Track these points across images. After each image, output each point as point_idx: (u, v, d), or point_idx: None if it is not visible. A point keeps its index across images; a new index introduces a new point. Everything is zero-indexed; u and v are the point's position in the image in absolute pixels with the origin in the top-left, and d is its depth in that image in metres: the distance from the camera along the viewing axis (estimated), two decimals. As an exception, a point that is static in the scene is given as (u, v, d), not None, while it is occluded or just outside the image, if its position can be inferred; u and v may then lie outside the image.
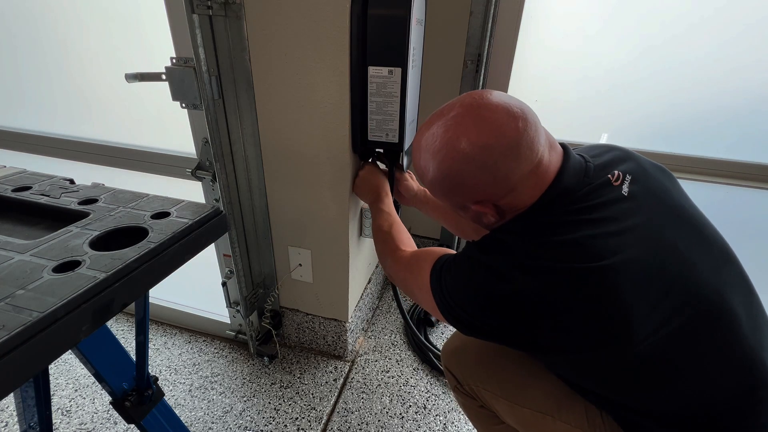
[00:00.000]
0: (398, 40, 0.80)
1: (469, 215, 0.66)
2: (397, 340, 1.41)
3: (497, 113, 0.56)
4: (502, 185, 0.57)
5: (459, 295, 0.60)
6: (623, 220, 0.54)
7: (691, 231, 0.59)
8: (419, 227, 1.71)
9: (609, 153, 0.65)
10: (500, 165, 0.56)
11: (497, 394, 0.75)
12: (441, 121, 0.60)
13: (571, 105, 1.31)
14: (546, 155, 0.57)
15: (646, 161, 0.65)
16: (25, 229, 0.55)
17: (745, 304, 0.57)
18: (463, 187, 0.61)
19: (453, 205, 0.67)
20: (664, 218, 0.57)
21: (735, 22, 1.08)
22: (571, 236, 0.53)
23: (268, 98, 0.95)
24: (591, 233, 0.53)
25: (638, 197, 0.57)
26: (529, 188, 0.58)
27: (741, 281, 0.59)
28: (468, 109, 0.58)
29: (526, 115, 0.56)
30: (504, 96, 0.58)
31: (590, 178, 0.58)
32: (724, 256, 0.60)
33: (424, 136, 0.62)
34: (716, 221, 0.63)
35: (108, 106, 1.22)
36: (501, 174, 0.56)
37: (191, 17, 0.81)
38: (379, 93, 0.86)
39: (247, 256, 1.18)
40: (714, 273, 0.56)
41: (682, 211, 0.60)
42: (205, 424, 1.11)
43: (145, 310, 0.64)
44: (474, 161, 0.56)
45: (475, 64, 1.31)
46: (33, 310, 0.36)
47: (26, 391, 0.62)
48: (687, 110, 1.21)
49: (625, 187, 0.58)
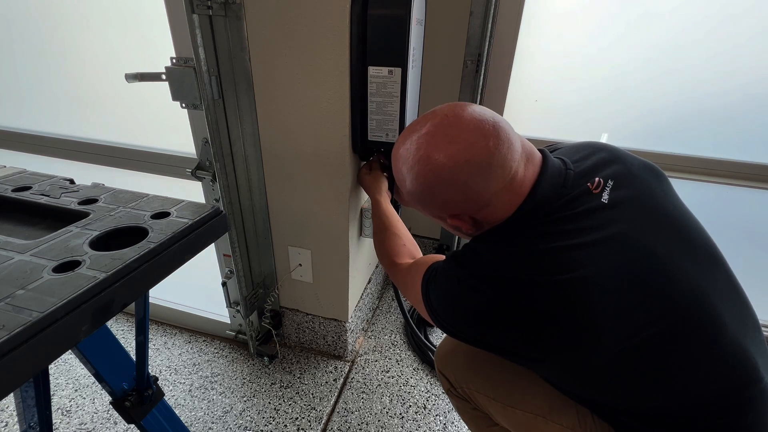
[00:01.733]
0: (398, 40, 0.80)
1: (447, 226, 0.67)
2: (397, 340, 1.41)
3: (467, 132, 0.56)
4: (474, 201, 0.58)
5: (441, 306, 0.63)
6: (600, 230, 0.54)
7: (674, 235, 0.58)
8: (419, 227, 1.71)
9: (594, 156, 0.63)
10: (471, 184, 0.57)
11: (490, 397, 0.75)
12: (414, 136, 0.60)
13: (571, 105, 1.31)
14: (521, 170, 0.57)
15: (635, 161, 0.64)
16: (25, 229, 0.55)
17: (730, 305, 0.57)
18: (437, 202, 0.62)
19: (431, 216, 0.69)
20: (645, 224, 0.57)
21: (735, 21, 1.08)
22: (542, 247, 0.54)
23: (268, 98, 0.95)
24: (563, 245, 0.53)
25: (619, 204, 0.57)
26: (503, 203, 0.58)
27: (727, 283, 0.59)
28: (438, 128, 0.58)
29: (498, 132, 0.56)
30: (477, 111, 0.58)
31: (568, 188, 0.58)
32: (709, 258, 0.59)
33: (399, 150, 0.63)
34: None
35: (108, 106, 1.22)
36: (473, 192, 0.57)
37: (191, 17, 0.81)
38: (379, 93, 0.86)
39: (247, 256, 1.18)
40: (697, 276, 0.56)
41: (666, 215, 0.59)
42: (205, 424, 1.11)
43: (145, 310, 0.64)
44: (445, 180, 0.57)
45: (475, 64, 1.31)
46: (33, 310, 0.36)
47: (26, 391, 0.62)
48: (686, 110, 1.21)
49: (605, 195, 0.57)
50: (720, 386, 0.54)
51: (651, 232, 0.56)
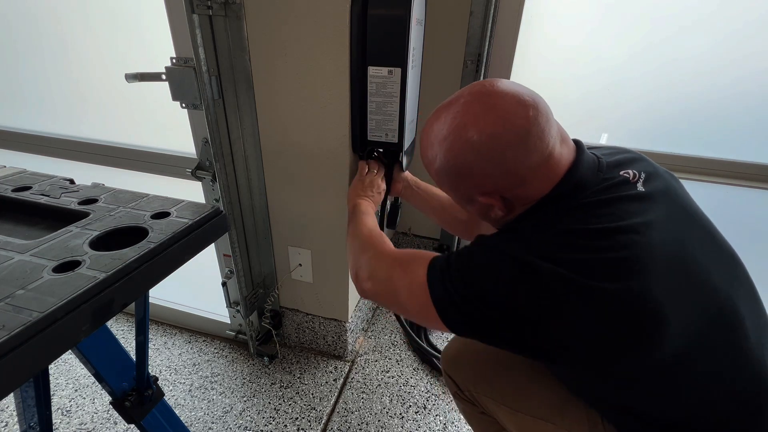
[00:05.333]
0: (398, 40, 0.80)
1: (476, 208, 0.62)
2: (397, 340, 1.41)
3: (506, 101, 0.53)
4: (510, 177, 0.55)
5: (469, 286, 0.54)
6: (644, 215, 0.52)
7: (705, 234, 0.57)
8: (419, 227, 1.71)
9: (620, 154, 0.64)
10: (508, 155, 0.53)
11: (498, 401, 0.73)
12: (449, 109, 0.58)
13: (571, 105, 1.31)
14: (557, 148, 0.55)
15: (658, 165, 0.64)
16: (25, 229, 0.55)
17: (751, 311, 0.56)
18: (469, 178, 0.58)
19: (460, 197, 0.64)
20: (679, 219, 0.56)
21: (735, 21, 1.08)
22: (595, 227, 0.50)
23: (268, 98, 0.95)
24: (614, 226, 0.50)
25: (654, 196, 0.55)
26: (539, 181, 0.55)
27: (749, 289, 0.59)
28: (476, 97, 0.56)
29: (537, 104, 0.54)
30: (514, 84, 0.56)
31: (604, 173, 0.56)
32: (732, 262, 0.59)
33: (432, 126, 0.60)
34: (716, 222, 0.63)
35: (108, 106, 1.22)
36: (509, 165, 0.54)
37: (191, 17, 0.81)
38: (378, 93, 0.86)
39: (247, 256, 1.18)
40: (726, 278, 0.55)
41: (695, 213, 0.59)
42: (205, 424, 1.11)
43: (145, 310, 0.64)
44: (481, 151, 0.54)
45: (475, 64, 1.31)
46: (33, 310, 0.36)
47: (26, 391, 0.62)
48: (686, 111, 1.21)
49: (640, 185, 0.56)
50: (741, 392, 0.53)
51: (686, 227, 0.55)
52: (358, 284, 0.71)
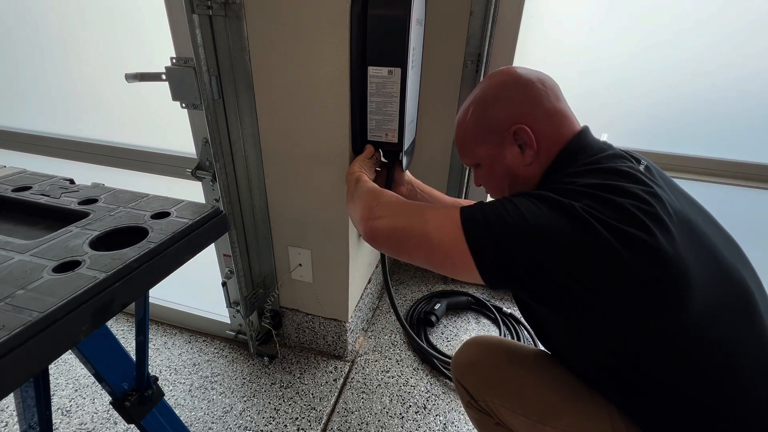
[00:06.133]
0: (398, 40, 0.80)
1: (507, 156, 0.66)
2: (397, 340, 1.41)
3: (520, 70, 0.67)
4: (538, 103, 0.63)
5: (509, 216, 0.53)
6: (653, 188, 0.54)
7: (708, 219, 0.60)
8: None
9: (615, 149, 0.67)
10: (530, 90, 0.64)
11: (516, 411, 0.69)
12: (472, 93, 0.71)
13: (571, 105, 1.30)
14: (569, 112, 0.66)
15: None
16: (25, 229, 0.55)
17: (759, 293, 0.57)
18: (499, 108, 0.65)
19: (492, 144, 0.67)
20: (684, 202, 0.58)
21: (735, 22, 1.08)
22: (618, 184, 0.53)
23: (268, 98, 0.95)
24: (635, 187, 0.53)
25: (656, 180, 0.57)
26: (558, 125, 0.64)
27: (752, 271, 0.60)
28: (492, 74, 0.70)
29: (544, 81, 0.66)
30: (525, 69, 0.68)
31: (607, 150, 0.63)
32: (736, 246, 0.61)
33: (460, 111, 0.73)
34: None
35: (108, 106, 1.22)
36: (532, 94, 0.64)
37: (191, 17, 0.81)
38: (378, 93, 0.86)
39: (247, 256, 1.18)
40: (734, 256, 0.57)
41: (697, 203, 0.63)
42: (205, 424, 1.11)
43: (145, 310, 0.64)
44: (509, 83, 0.66)
45: (475, 64, 1.31)
46: (33, 310, 0.36)
47: (26, 391, 0.62)
48: (686, 111, 1.21)
49: (642, 168, 0.58)
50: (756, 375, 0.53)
51: (690, 210, 0.57)
52: (369, 222, 0.67)
